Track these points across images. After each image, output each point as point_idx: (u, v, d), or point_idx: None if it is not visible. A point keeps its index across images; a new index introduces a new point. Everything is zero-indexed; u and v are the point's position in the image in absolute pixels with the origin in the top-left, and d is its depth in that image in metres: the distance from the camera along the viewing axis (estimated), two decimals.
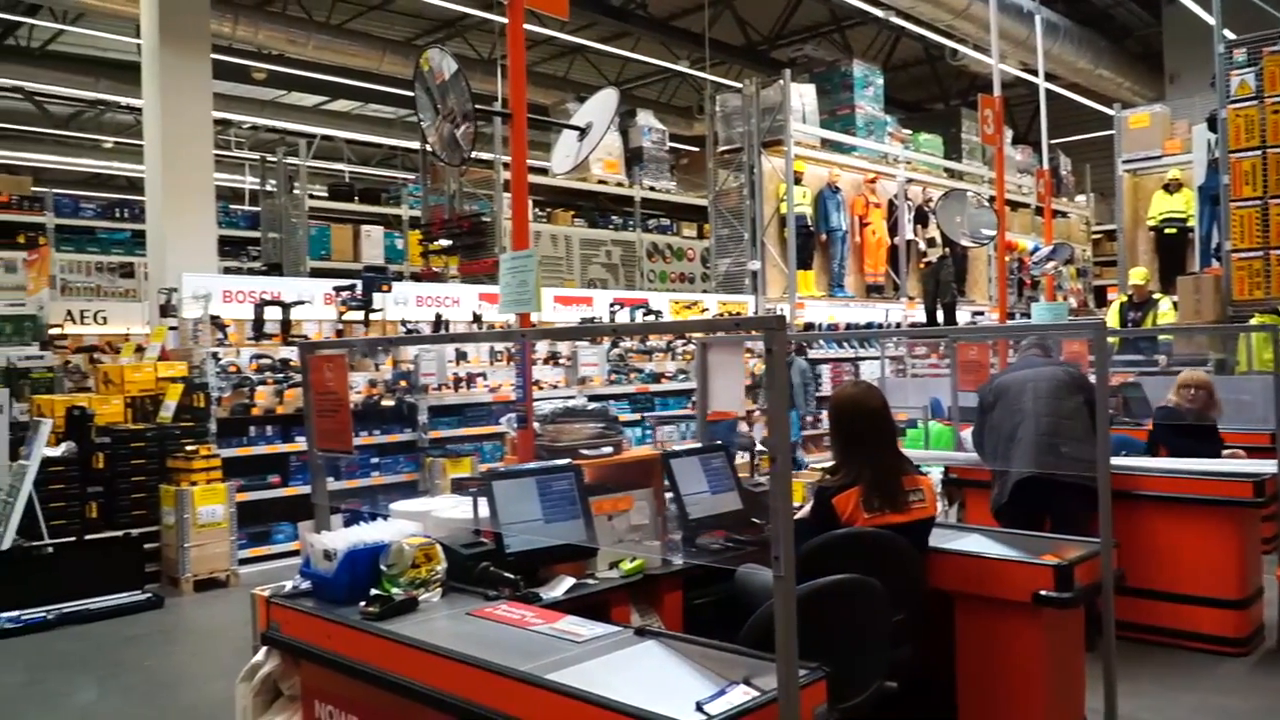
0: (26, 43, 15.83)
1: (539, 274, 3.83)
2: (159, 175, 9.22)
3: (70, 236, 13.50)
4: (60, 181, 19.22)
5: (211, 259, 9.49)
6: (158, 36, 9.23)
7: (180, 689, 5.22)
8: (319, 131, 19.08)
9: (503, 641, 2.50)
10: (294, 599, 3.08)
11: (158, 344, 8.12)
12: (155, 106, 9.29)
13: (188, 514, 6.97)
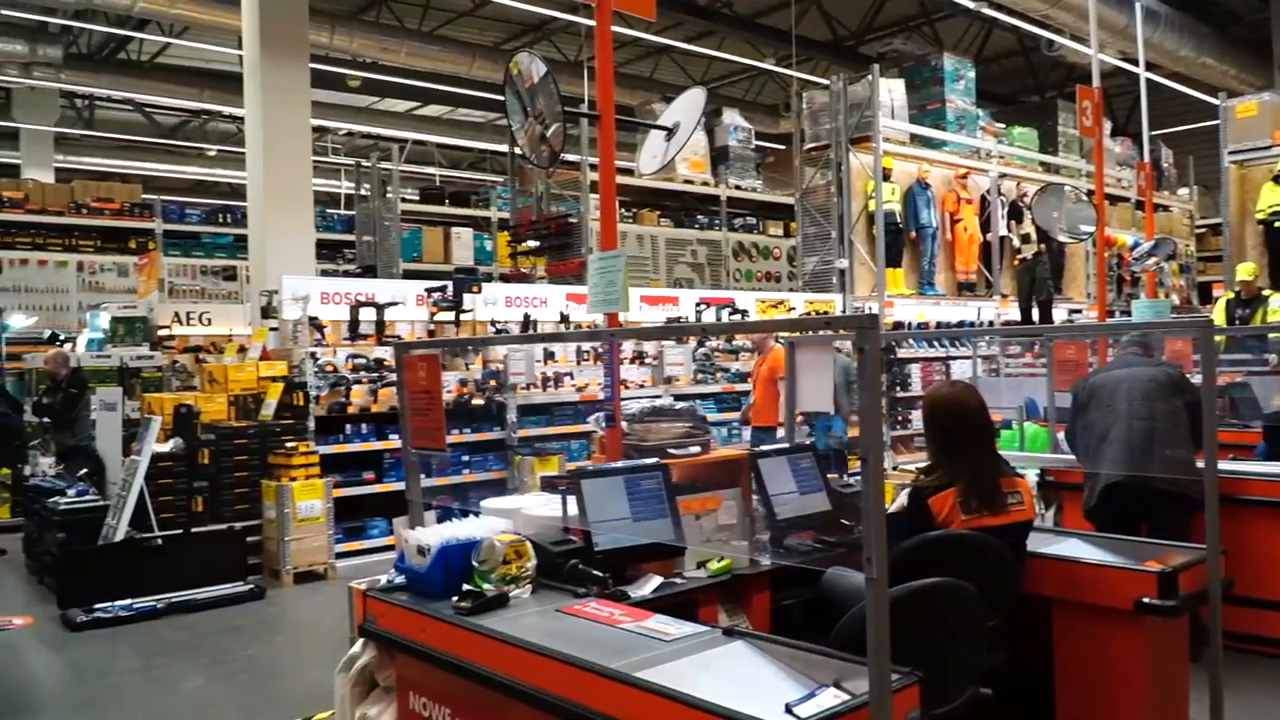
0: (136, 56, 16.56)
1: (627, 274, 3.85)
2: (260, 181, 9.54)
3: (177, 241, 14.10)
4: (167, 189, 20.08)
5: (310, 262, 9.77)
6: (259, 48, 9.55)
7: (281, 677, 5.40)
8: (411, 136, 19.50)
9: (592, 638, 2.52)
10: (389, 593, 3.15)
11: (259, 344, 8.42)
12: (257, 115, 9.61)
13: (288, 508, 7.21)
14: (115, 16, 14.09)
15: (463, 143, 20.75)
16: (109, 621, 6.28)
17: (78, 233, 13.51)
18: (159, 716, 4.75)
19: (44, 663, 5.78)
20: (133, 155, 20.28)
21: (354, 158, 16.74)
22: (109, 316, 10.43)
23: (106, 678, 5.40)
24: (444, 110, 19.95)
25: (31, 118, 17.62)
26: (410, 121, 19.64)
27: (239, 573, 7.07)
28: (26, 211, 13.20)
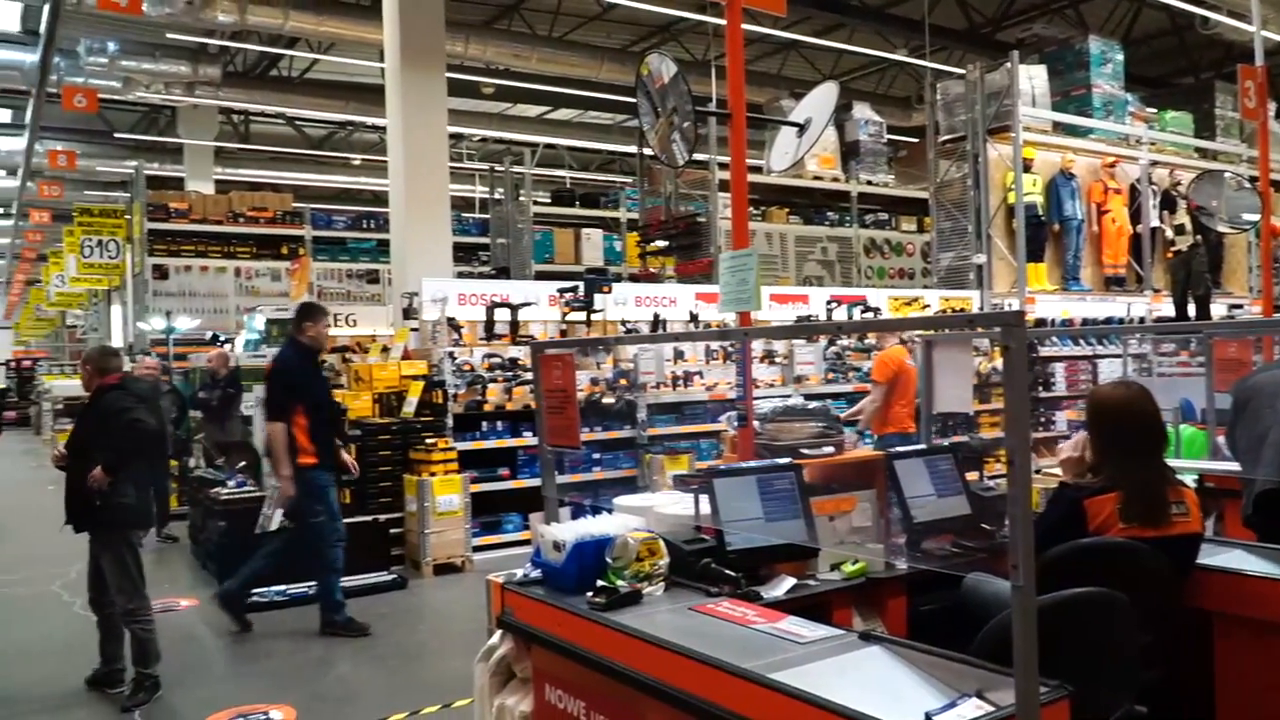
0: (287, 72, 17.44)
1: (759, 272, 3.83)
2: (401, 188, 9.89)
3: (324, 247, 14.79)
4: (315, 197, 21.08)
5: (447, 265, 10.07)
6: (399, 60, 9.91)
7: (424, 664, 5.61)
8: (542, 140, 19.88)
9: (724, 638, 2.52)
10: (525, 586, 3.23)
11: (401, 344, 8.74)
12: (398, 125, 9.97)
13: (428, 502, 7.47)
14: (268, 36, 14.86)
15: (592, 145, 21.02)
16: (265, 605, 6.64)
17: (235, 240, 14.35)
18: (314, 695, 4.99)
19: (209, 642, 6.16)
20: (284, 166, 21.38)
21: (488, 163, 17.22)
22: (264, 318, 11.03)
23: (263, 657, 5.71)
24: (574, 114, 20.25)
25: (194, 134, 18.79)
26: (541, 126, 20.03)
27: (383, 563, 7.36)
28: (190, 221, 14.10)
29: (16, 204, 21.76)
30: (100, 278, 17.84)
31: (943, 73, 13.72)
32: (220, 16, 11.74)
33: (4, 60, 13.70)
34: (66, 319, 30.80)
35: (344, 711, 4.78)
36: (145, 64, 14.30)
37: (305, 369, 6.28)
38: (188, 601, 7.02)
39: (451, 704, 4.76)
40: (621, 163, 22.28)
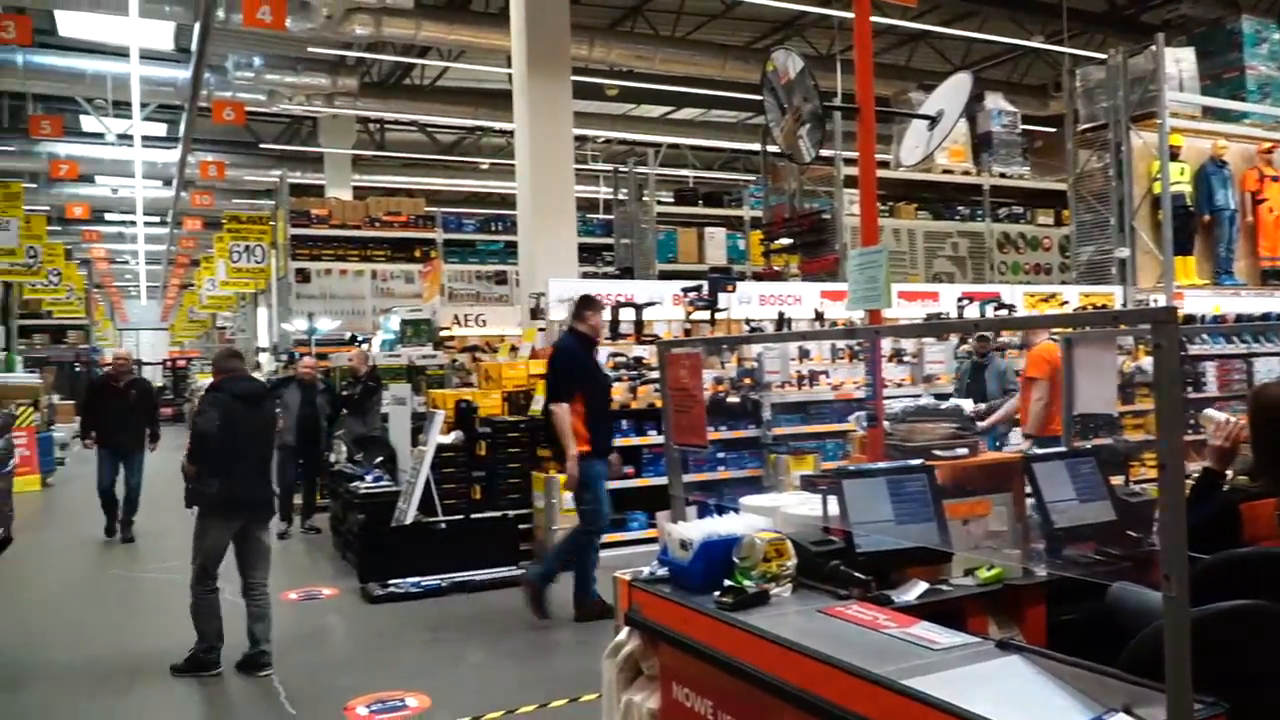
0: (419, 81, 18.03)
1: (889, 270, 3.76)
2: (528, 190, 10.10)
3: (455, 249, 15.23)
4: (446, 201, 21.70)
5: (573, 265, 10.22)
6: (526, 65, 10.11)
7: (553, 657, 5.72)
8: (665, 140, 19.95)
9: (854, 641, 2.48)
10: (653, 584, 3.25)
11: (529, 344, 8.93)
12: (525, 129, 10.18)
13: (555, 499, 7.60)
14: (401, 46, 15.39)
15: (715, 144, 20.99)
16: (401, 596, 6.89)
17: (372, 244, 14.93)
18: (448, 684, 5.15)
19: (348, 629, 6.44)
20: (417, 172, 22.12)
21: (612, 164, 17.39)
22: (399, 319, 11.46)
23: (400, 646, 5.93)
24: (697, 113, 20.26)
25: (333, 143, 19.63)
26: (664, 126, 20.11)
27: (512, 557, 7.53)
28: (330, 226, 14.74)
29: (171, 213, 23.16)
30: (248, 281, 18.84)
31: (1082, 58, 13.14)
32: (357, 29, 12.23)
33: (159, 77, 14.60)
34: (217, 321, 32.63)
35: (476, 701, 4.91)
36: (288, 77, 15.02)
37: (585, 357, 6.45)
38: (329, 590, 7.34)
39: (579, 698, 4.84)
40: (745, 161, 22.17)
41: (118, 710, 5.04)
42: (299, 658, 5.75)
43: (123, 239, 29.90)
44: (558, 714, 4.74)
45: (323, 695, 5.08)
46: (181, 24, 12.89)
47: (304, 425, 9.49)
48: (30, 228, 17.48)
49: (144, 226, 25.04)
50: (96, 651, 6.01)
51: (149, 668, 5.61)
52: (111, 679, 5.47)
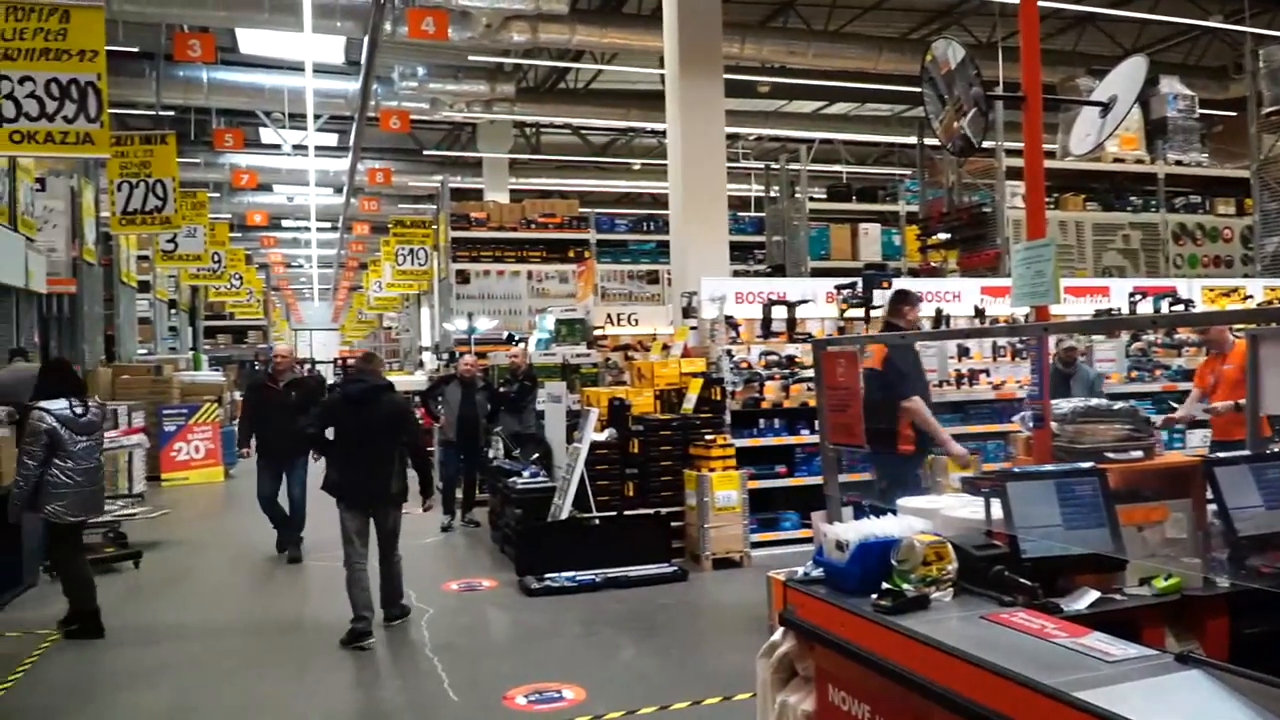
0: (573, 84, 18.40)
1: (1057, 264, 3.59)
2: (680, 190, 10.15)
3: (608, 250, 15.48)
4: (599, 202, 22.07)
5: (724, 264, 10.21)
6: (678, 66, 10.16)
7: (704, 655, 5.74)
8: (818, 136, 19.68)
9: (1020, 650, 2.40)
10: (808, 585, 3.21)
11: (681, 342, 8.98)
12: (677, 129, 10.24)
13: (707, 497, 7.62)
14: (556, 51, 15.76)
15: (869, 138, 20.55)
16: (556, 590, 7.05)
17: (527, 246, 15.34)
18: (603, 678, 5.25)
19: (506, 620, 6.64)
20: (570, 174, 22.60)
21: (763, 161, 17.28)
22: (553, 319, 11.72)
23: (556, 638, 6.07)
24: (850, 107, 19.89)
25: (491, 147, 20.27)
26: (817, 121, 19.83)
27: (664, 555, 7.60)
28: (488, 229, 15.23)
29: (342, 218, 24.47)
30: (411, 283, 19.69)
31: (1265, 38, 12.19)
32: (514, 36, 12.59)
33: (331, 90, 15.46)
34: (383, 321, 34.24)
35: (630, 696, 4.98)
36: (449, 85, 15.61)
37: (913, 355, 6.40)
38: (488, 582, 7.58)
39: (732, 697, 4.84)
40: (900, 155, 21.60)
41: (289, 691, 5.35)
42: (461, 646, 5.97)
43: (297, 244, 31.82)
44: (711, 712, 4.75)
45: (483, 683, 5.27)
46: (351, 38, 13.58)
47: (465, 422, 9.83)
48: (215, 235, 18.83)
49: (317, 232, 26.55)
50: (270, 632, 6.41)
51: (320, 648, 5.95)
52: (286, 658, 5.83)
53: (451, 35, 11.92)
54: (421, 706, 4.96)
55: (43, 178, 11.26)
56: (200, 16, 12.06)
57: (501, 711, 4.83)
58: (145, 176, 11.18)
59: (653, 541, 7.63)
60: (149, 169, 11.20)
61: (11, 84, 7.52)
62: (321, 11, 11.65)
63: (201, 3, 11.59)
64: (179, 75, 14.52)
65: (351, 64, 15.59)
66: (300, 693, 5.25)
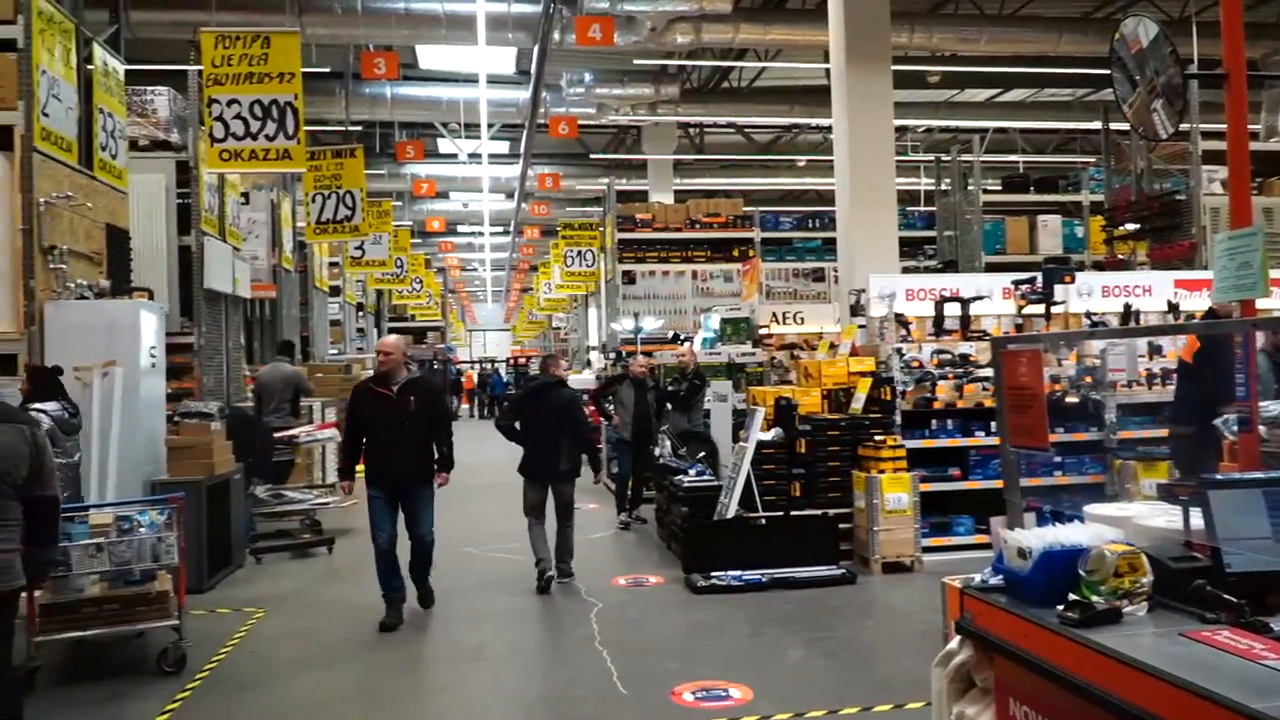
0: (737, 83, 18.37)
1: (1265, 254, 3.33)
2: (847, 186, 9.98)
3: (772, 248, 15.38)
4: (763, 201, 21.94)
5: (893, 260, 9.98)
6: (844, 59, 9.99)
7: (875, 661, 5.63)
8: (991, 125, 18.92)
9: (1225, 671, 2.24)
10: (987, 593, 3.10)
11: (848, 341, 8.83)
12: (843, 123, 10.07)
13: (876, 499, 7.46)
14: (719, 51, 15.77)
15: (1048, 125, 19.57)
16: (723, 588, 7.07)
17: (692, 245, 15.43)
18: (769, 678, 5.23)
19: (673, 617, 6.70)
20: (734, 173, 22.57)
21: (934, 153, 16.75)
22: (719, 318, 11.74)
23: (723, 637, 6.09)
24: (1026, 94, 19.01)
25: (656, 149, 20.50)
26: (990, 110, 19.05)
27: (831, 557, 7.49)
28: (653, 230, 15.41)
29: (513, 222, 25.31)
30: (580, 284, 20.16)
31: None
32: (679, 38, 12.70)
33: (503, 99, 16.03)
34: (552, 321, 35.18)
35: (798, 698, 4.94)
36: (615, 89, 15.89)
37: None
38: (655, 578, 7.68)
39: (904, 705, 4.73)
40: (1082, 142, 20.48)
41: (465, 675, 5.58)
42: (629, 641, 6.08)
43: (472, 248, 33.14)
44: (883, 719, 4.66)
45: (650, 678, 5.34)
46: (522, 48, 14.03)
47: (639, 421, 9.98)
48: (398, 241, 19.86)
49: (490, 236, 27.59)
50: (448, 617, 6.69)
51: (496, 634, 6.18)
52: (463, 643, 6.08)
53: (617, 40, 12.12)
54: (592, 698, 5.08)
55: (247, 192, 12.16)
56: (385, 36, 12.75)
57: (669, 707, 4.89)
58: (336, 188, 11.91)
59: (820, 543, 7.54)
60: (339, 181, 11.93)
61: (220, 106, 8.17)
62: (494, 24, 12.10)
63: (386, 23, 12.25)
64: (365, 92, 15.41)
65: (522, 73, 16.11)
66: (477, 678, 5.47)
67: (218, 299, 10.49)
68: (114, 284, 8.09)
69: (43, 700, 5.10)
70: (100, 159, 8.27)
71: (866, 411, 7.97)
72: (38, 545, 4.01)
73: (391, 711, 4.94)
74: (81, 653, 5.80)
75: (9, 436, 3.90)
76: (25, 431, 3.97)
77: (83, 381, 6.92)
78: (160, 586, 5.61)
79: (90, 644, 5.73)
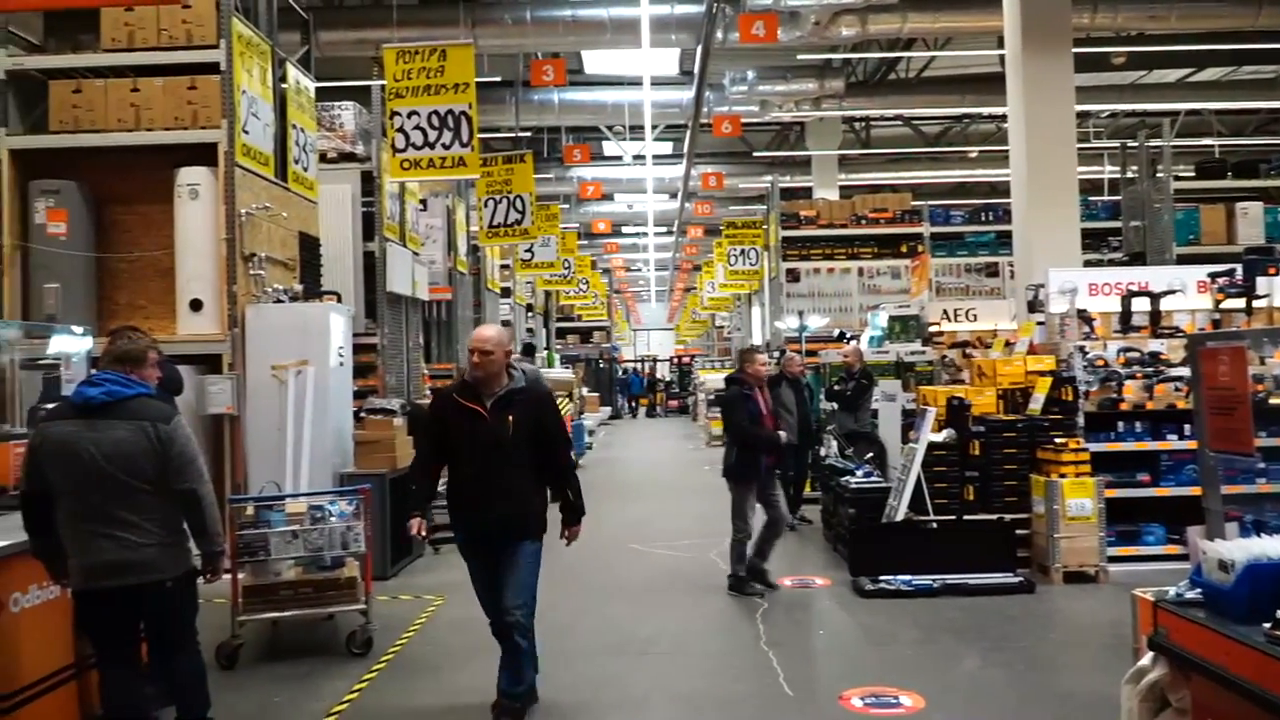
0: (904, 74, 17.89)
1: None
2: (1023, 176, 9.57)
3: (942, 243, 14.92)
4: (932, 194, 21.29)
5: (1075, 253, 9.51)
6: (1020, 43, 9.58)
7: (1056, 674, 5.37)
8: (1183, 107, 17.71)
9: None
10: (1183, 607, 2.94)
11: (1025, 339, 8.45)
12: (1019, 111, 9.66)
13: (1057, 505, 7.12)
14: (886, 42, 15.39)
15: (1246, 105, 18.14)
16: (891, 593, 6.90)
17: (858, 242, 15.17)
18: (942, 688, 5.06)
19: (840, 620, 6.60)
20: (901, 167, 21.98)
21: (1118, 139, 15.82)
22: (886, 315, 11.48)
23: (892, 642, 5.95)
24: (1222, 72, 17.66)
25: (820, 145, 20.21)
26: (1182, 91, 17.80)
27: (1007, 563, 7.19)
28: (818, 227, 15.23)
29: (677, 222, 25.49)
30: (743, 283, 20.12)
31: None
32: (843, 31, 12.48)
33: (667, 100, 16.17)
34: (715, 320, 35.26)
35: (973, 709, 4.78)
36: (778, 86, 15.77)
37: None
38: (821, 580, 7.57)
39: None
40: None
41: (629, 670, 5.67)
42: (795, 642, 6.03)
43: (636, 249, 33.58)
44: None
45: (818, 681, 5.28)
46: (685, 49, 14.12)
47: (800, 421, 9.87)
48: (565, 243, 20.37)
49: (654, 236, 27.89)
50: (614, 614, 6.81)
51: (661, 631, 6.25)
52: (627, 639, 6.17)
53: (780, 36, 12.02)
54: (758, 698, 5.06)
55: (425, 199, 12.76)
56: (552, 43, 13.11)
57: (838, 711, 4.81)
58: (507, 193, 12.34)
59: (995, 549, 7.25)
60: (510, 186, 12.35)
61: (401, 118, 8.61)
62: (658, 26, 12.23)
63: (553, 30, 12.60)
64: (534, 99, 15.89)
65: (685, 74, 16.22)
66: (642, 672, 5.55)
67: (399, 301, 11.05)
68: (306, 288, 8.66)
69: (246, 674, 5.52)
70: (294, 171, 8.86)
71: (1045, 412, 7.61)
72: (194, 537, 4.10)
73: (560, 702, 5.07)
74: (278, 633, 6.23)
75: (125, 434, 3.85)
76: (147, 428, 3.89)
77: (279, 379, 7.45)
78: (349, 573, 5.97)
79: (286, 624, 6.16)
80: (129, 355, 4.07)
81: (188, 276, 7.95)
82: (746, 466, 7.09)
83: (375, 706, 5.06)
